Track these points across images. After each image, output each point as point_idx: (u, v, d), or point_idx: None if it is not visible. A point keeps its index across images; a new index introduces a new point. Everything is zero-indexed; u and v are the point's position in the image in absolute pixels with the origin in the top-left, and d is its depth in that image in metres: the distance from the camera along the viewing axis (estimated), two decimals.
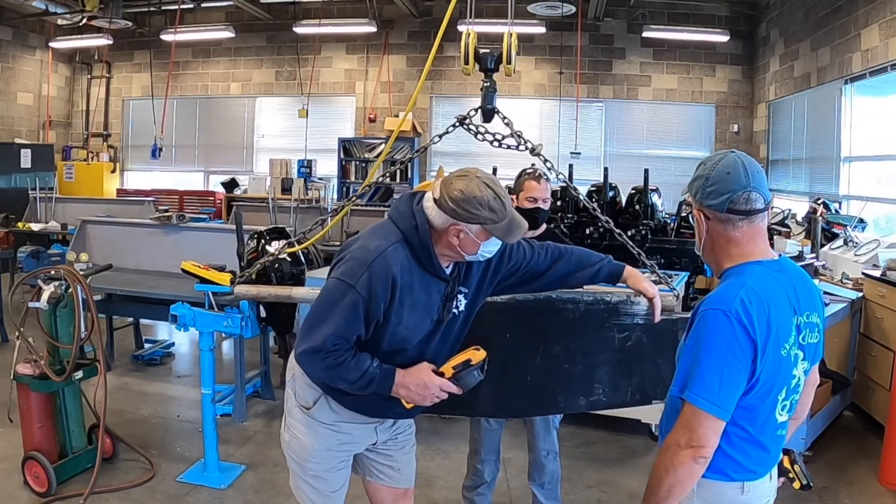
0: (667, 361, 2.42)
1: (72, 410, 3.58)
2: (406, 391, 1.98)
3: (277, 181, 10.02)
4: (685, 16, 10.17)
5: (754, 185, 1.59)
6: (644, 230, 4.81)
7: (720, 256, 1.67)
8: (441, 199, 1.89)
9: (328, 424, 2.10)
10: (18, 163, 10.16)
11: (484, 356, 2.06)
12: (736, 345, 1.50)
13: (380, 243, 1.92)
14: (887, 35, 6.34)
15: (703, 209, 1.65)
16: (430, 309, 2.00)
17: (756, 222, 1.62)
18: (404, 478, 2.31)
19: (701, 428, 1.50)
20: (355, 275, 1.87)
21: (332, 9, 10.84)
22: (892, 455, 3.72)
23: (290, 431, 2.17)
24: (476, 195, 1.86)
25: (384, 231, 1.98)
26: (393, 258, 1.90)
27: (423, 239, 1.93)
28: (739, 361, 1.50)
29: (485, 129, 2.71)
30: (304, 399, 2.11)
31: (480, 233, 1.90)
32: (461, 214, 1.87)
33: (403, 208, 1.99)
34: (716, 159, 1.65)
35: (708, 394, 1.49)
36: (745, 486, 1.62)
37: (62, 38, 11.39)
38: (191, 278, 3.60)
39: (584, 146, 10.51)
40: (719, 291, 1.59)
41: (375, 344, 1.96)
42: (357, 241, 2.00)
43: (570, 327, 2.38)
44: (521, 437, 3.16)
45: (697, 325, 1.56)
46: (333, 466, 2.15)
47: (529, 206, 2.97)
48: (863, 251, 5.37)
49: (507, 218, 1.89)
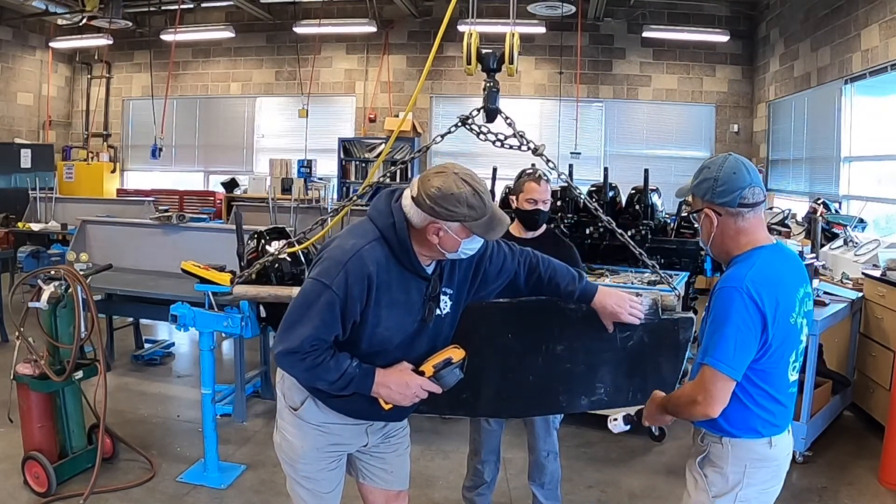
0: (668, 361, 2.42)
1: (72, 410, 3.58)
2: (386, 390, 1.95)
3: (277, 181, 10.01)
4: (685, 16, 10.17)
5: (756, 181, 1.86)
6: (644, 230, 4.80)
7: (730, 247, 1.91)
8: (419, 196, 1.84)
9: (316, 425, 2.08)
10: (18, 163, 10.16)
11: (464, 355, 2.04)
12: (747, 316, 1.76)
13: (356, 242, 1.89)
14: (887, 35, 6.34)
15: (715, 207, 1.88)
16: (410, 308, 1.96)
17: (759, 213, 1.88)
18: (398, 480, 2.29)
19: (715, 387, 1.77)
20: (331, 274, 1.85)
21: (332, 9, 10.84)
22: (892, 455, 3.72)
23: (281, 433, 2.16)
24: (454, 192, 1.81)
25: (361, 230, 1.95)
26: (369, 257, 1.86)
27: (400, 237, 1.89)
28: (750, 330, 1.77)
29: (487, 129, 2.71)
30: (291, 400, 2.10)
31: (460, 230, 1.86)
32: (439, 212, 1.82)
33: (381, 206, 1.94)
34: (718, 163, 1.89)
35: (723, 357, 1.76)
36: (773, 441, 1.89)
37: (62, 38, 11.39)
38: (191, 278, 3.60)
39: (584, 146, 10.51)
40: (732, 272, 1.84)
41: (355, 345, 1.94)
42: (334, 241, 1.97)
43: (572, 327, 2.38)
44: (522, 438, 3.16)
45: (714, 302, 1.83)
46: (324, 467, 2.14)
47: (529, 208, 2.96)
48: (863, 251, 5.37)
49: (487, 214, 1.84)
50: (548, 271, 2.20)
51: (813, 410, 4.00)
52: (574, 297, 2.19)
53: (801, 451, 3.93)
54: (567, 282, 2.19)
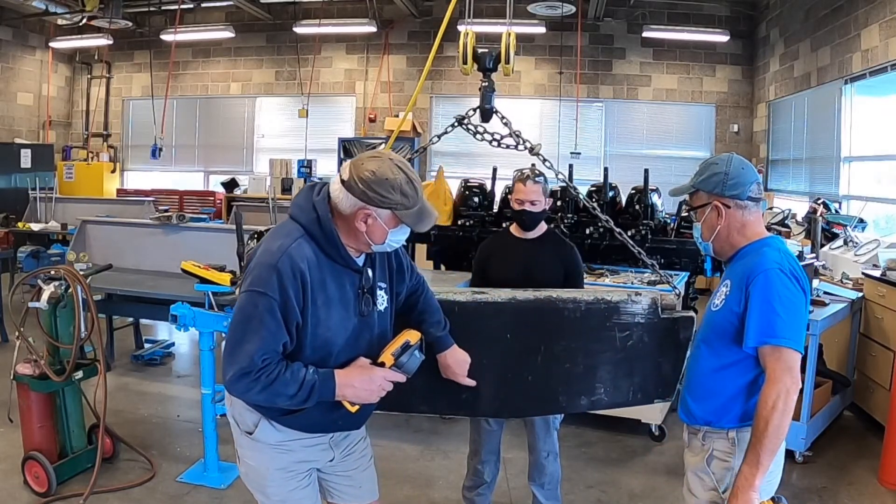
0: (668, 360, 2.42)
1: (72, 410, 3.58)
2: (351, 390, 1.85)
3: (277, 181, 10.01)
4: (685, 16, 10.17)
5: (757, 178, 1.98)
6: (644, 230, 4.80)
7: (735, 238, 1.98)
8: (350, 180, 1.77)
9: (275, 445, 1.96)
10: (18, 163, 10.16)
11: (419, 336, 1.99)
12: (799, 293, 1.84)
13: (282, 242, 1.81)
14: (887, 35, 6.34)
15: (724, 199, 1.95)
16: (346, 304, 1.89)
17: (760, 209, 1.99)
18: (368, 493, 2.20)
19: (796, 366, 1.79)
20: (263, 280, 1.76)
21: (332, 9, 10.84)
22: (892, 455, 3.72)
23: (243, 462, 2.03)
24: (388, 177, 1.75)
25: (284, 230, 1.87)
26: (298, 255, 1.79)
27: (326, 230, 1.82)
28: (800, 308, 1.83)
29: (483, 128, 2.71)
30: (245, 424, 1.97)
31: (390, 219, 1.80)
32: (372, 198, 1.76)
33: (303, 202, 1.87)
34: (725, 159, 1.98)
35: (795, 335, 1.80)
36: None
37: (62, 38, 11.40)
38: (191, 278, 3.59)
39: (584, 146, 10.51)
40: (763, 258, 1.88)
41: (300, 353, 1.83)
42: (259, 247, 1.88)
43: (571, 327, 2.38)
44: (521, 438, 3.16)
45: (760, 284, 1.83)
46: (295, 486, 2.01)
47: (517, 208, 2.93)
48: (863, 251, 5.37)
49: (418, 204, 1.80)
50: (425, 303, 2.19)
51: (813, 410, 4.00)
52: (429, 339, 2.16)
53: (801, 451, 3.93)
54: (432, 323, 2.18)
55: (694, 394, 2.01)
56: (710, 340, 1.98)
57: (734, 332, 1.88)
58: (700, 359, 2.02)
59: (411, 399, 2.33)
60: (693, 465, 2.02)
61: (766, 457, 1.74)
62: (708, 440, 1.96)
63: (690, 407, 2.01)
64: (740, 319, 1.86)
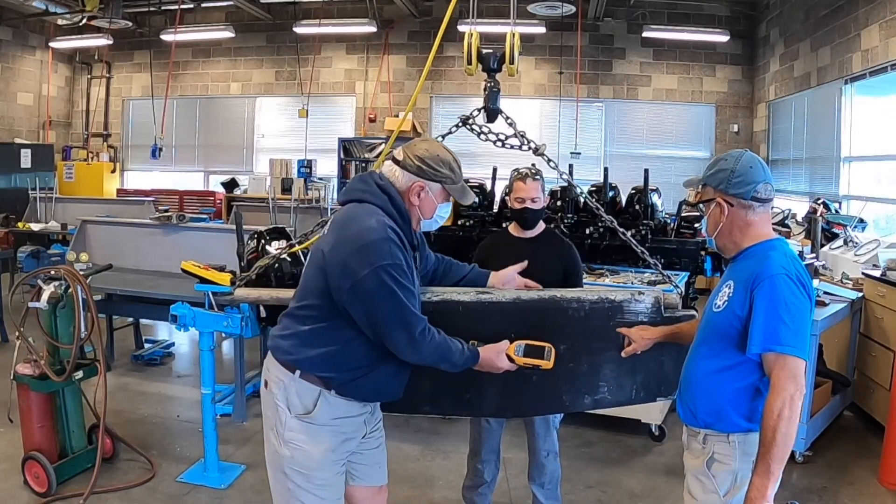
0: (670, 359, 2.42)
1: (72, 410, 3.57)
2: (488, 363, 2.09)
3: (277, 181, 9.99)
4: (685, 16, 10.18)
5: (769, 178, 1.93)
6: (644, 230, 4.80)
7: (739, 237, 1.95)
8: (405, 159, 2.03)
9: (328, 424, 2.05)
10: (18, 163, 10.16)
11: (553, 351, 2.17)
12: (805, 299, 1.82)
13: (376, 219, 1.95)
14: (887, 35, 6.34)
15: (727, 197, 1.93)
16: (414, 278, 2.05)
17: (768, 209, 1.95)
18: (381, 474, 2.31)
19: (801, 374, 1.77)
20: (381, 252, 1.89)
21: (332, 9, 10.84)
22: (892, 455, 3.72)
23: (290, 446, 2.06)
24: (440, 154, 2.04)
25: (364, 211, 1.99)
26: (391, 229, 1.96)
27: (398, 206, 2.02)
28: (805, 315, 1.81)
29: (488, 129, 2.71)
30: (301, 406, 2.03)
31: (440, 193, 2.06)
32: (426, 171, 2.01)
33: (367, 187, 2.04)
34: (735, 156, 1.95)
35: (800, 343, 1.78)
36: None
37: (62, 38, 11.39)
38: (191, 278, 3.59)
39: (584, 146, 10.51)
40: (769, 262, 1.85)
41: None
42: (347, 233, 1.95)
43: (574, 326, 2.38)
44: (521, 437, 3.16)
45: (767, 289, 1.80)
46: (338, 471, 2.12)
47: (518, 207, 2.95)
48: (863, 251, 5.37)
49: (461, 181, 2.07)
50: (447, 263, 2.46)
51: (813, 410, 4.00)
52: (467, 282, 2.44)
53: (801, 451, 3.93)
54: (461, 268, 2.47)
55: (692, 394, 2.00)
56: (711, 342, 1.96)
57: (736, 335, 1.87)
58: (699, 359, 2.00)
59: (415, 400, 2.33)
60: (693, 467, 2.00)
61: (776, 465, 1.74)
62: (708, 443, 1.96)
63: (690, 407, 2.00)
64: (743, 323, 1.84)
